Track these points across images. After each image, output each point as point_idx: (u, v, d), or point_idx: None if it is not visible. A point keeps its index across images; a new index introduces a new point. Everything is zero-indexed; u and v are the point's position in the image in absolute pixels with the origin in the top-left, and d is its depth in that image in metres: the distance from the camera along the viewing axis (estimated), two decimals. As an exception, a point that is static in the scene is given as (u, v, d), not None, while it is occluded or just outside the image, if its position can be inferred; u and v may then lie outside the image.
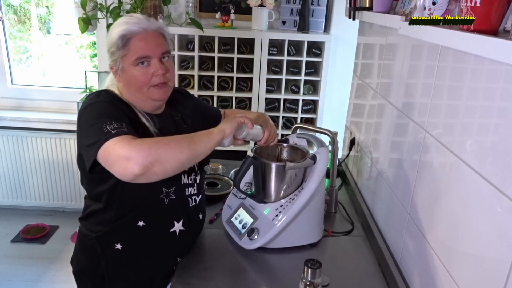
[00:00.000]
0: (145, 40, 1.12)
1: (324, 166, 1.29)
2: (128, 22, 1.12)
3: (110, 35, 1.13)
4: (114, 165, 0.96)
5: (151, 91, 1.16)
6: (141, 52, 1.12)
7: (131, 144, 0.95)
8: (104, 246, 1.20)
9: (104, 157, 0.98)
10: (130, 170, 0.93)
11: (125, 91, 1.18)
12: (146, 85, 1.15)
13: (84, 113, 1.09)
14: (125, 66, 1.13)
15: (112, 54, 1.14)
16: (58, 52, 3.27)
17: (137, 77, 1.13)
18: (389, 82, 1.43)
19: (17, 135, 2.91)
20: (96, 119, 1.04)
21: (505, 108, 0.76)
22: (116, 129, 0.99)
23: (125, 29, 1.11)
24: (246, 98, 2.67)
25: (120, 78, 1.16)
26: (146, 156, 0.94)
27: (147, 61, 1.13)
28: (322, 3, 2.61)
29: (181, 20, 2.68)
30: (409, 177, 1.19)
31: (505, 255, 0.74)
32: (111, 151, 0.96)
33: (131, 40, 1.11)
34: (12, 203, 3.10)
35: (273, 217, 1.27)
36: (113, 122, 1.01)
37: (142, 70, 1.13)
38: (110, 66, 1.18)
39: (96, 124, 1.02)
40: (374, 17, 1.46)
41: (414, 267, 1.14)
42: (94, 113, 1.07)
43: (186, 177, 1.26)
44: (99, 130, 1.00)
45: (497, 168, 0.78)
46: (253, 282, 1.21)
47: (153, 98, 1.18)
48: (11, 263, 2.59)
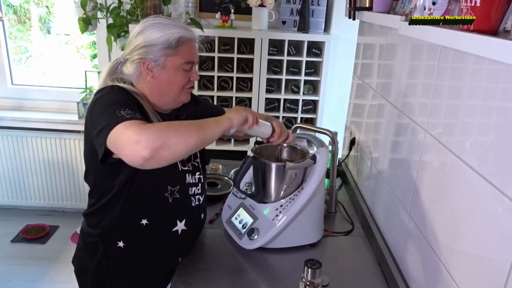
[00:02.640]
0: (193, 47, 1.21)
1: (324, 166, 1.29)
2: (179, 27, 1.17)
3: (158, 33, 1.14)
4: (123, 148, 0.97)
5: (183, 92, 1.22)
6: (191, 57, 1.19)
7: (141, 128, 0.96)
8: (106, 243, 1.20)
9: (113, 141, 0.98)
10: (140, 153, 0.94)
11: (154, 88, 1.19)
12: (183, 87, 1.21)
13: (97, 103, 1.10)
14: (169, 66, 1.16)
15: (157, 51, 1.15)
16: (58, 52, 3.27)
17: (179, 78, 1.19)
18: (389, 82, 1.43)
19: (17, 135, 2.91)
20: (110, 106, 1.05)
21: (505, 108, 0.76)
22: (130, 114, 1.01)
23: (182, 32, 1.16)
24: (246, 98, 2.67)
25: (156, 75, 1.17)
26: (156, 140, 0.95)
27: (191, 66, 1.21)
28: (322, 3, 2.61)
29: (181, 20, 2.68)
30: (409, 177, 1.19)
31: (505, 255, 0.74)
32: (121, 134, 0.97)
33: (184, 44, 1.17)
34: (12, 203, 3.10)
35: (273, 217, 1.27)
36: (127, 109, 1.03)
37: (185, 73, 1.19)
38: (139, 61, 1.16)
39: (109, 110, 1.03)
40: (374, 17, 1.46)
41: (414, 267, 1.14)
42: (108, 102, 1.08)
43: (190, 176, 1.27)
44: (112, 114, 1.01)
45: (497, 168, 0.78)
46: (253, 282, 1.21)
47: (182, 99, 1.24)
48: (11, 263, 2.59)
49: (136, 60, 1.17)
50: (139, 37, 1.16)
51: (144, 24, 1.18)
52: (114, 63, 1.22)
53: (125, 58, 1.21)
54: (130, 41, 1.19)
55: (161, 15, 1.26)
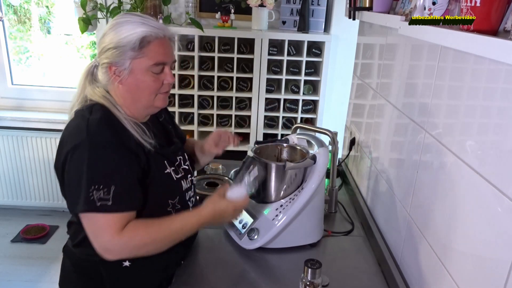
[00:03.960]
0: (164, 46, 1.07)
1: (324, 166, 1.29)
2: (146, 24, 1.05)
3: (121, 33, 1.03)
4: (93, 243, 1.02)
5: (157, 98, 1.12)
6: (160, 58, 1.06)
7: (115, 240, 1.00)
8: (111, 268, 1.12)
9: (86, 226, 1.03)
10: (104, 256, 1.02)
11: (124, 95, 1.10)
12: (155, 92, 1.10)
13: (74, 158, 1.01)
14: (136, 70, 1.05)
15: (119, 54, 1.04)
16: (58, 52, 3.27)
17: (148, 82, 1.07)
18: (389, 82, 1.43)
19: (17, 135, 2.91)
20: (85, 175, 0.99)
21: (505, 108, 0.76)
22: (101, 200, 0.98)
23: (147, 31, 1.03)
24: (246, 98, 2.67)
25: (124, 81, 1.07)
26: (125, 255, 1.06)
27: (162, 68, 1.09)
28: (322, 3, 2.61)
29: (181, 20, 2.68)
30: (409, 177, 1.19)
31: (505, 255, 0.74)
32: (96, 230, 1.02)
33: (151, 44, 1.04)
34: (12, 203, 3.10)
35: (273, 217, 1.27)
36: (101, 187, 0.98)
37: (155, 76, 1.08)
38: (107, 65, 1.06)
39: (83, 183, 0.98)
40: (374, 17, 1.46)
41: (414, 267, 1.14)
42: (83, 167, 0.99)
43: (184, 182, 1.22)
44: (85, 192, 0.98)
45: (497, 168, 0.78)
46: (253, 282, 1.21)
47: (157, 105, 1.13)
48: (11, 263, 2.59)
49: (104, 64, 1.07)
50: (106, 38, 1.06)
51: (112, 23, 1.07)
52: (89, 67, 1.13)
53: (97, 61, 1.11)
54: (99, 42, 1.09)
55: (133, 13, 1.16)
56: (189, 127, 2.69)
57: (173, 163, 1.19)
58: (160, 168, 1.14)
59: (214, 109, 2.67)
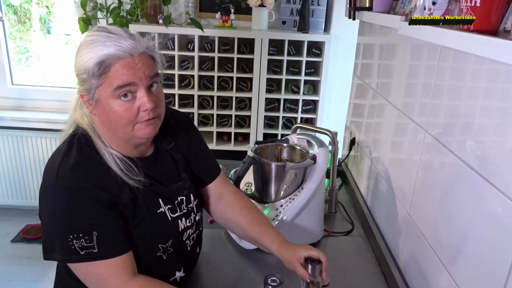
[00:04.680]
0: (130, 67, 0.87)
1: (324, 166, 1.29)
2: (106, 43, 0.87)
3: (81, 58, 0.88)
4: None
5: (137, 128, 0.92)
6: (123, 79, 0.87)
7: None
8: None
9: (83, 277, 0.93)
10: None
11: (101, 126, 0.96)
12: (131, 123, 0.91)
13: (43, 202, 0.95)
14: (102, 98, 0.89)
15: (83, 82, 0.89)
16: (58, 52, 3.27)
17: (119, 113, 0.89)
18: (389, 82, 1.43)
19: (17, 135, 2.91)
20: (60, 224, 0.90)
21: (505, 108, 0.76)
22: (85, 249, 0.87)
23: (104, 54, 0.86)
24: (246, 98, 2.67)
25: (95, 111, 0.92)
26: None
27: (132, 93, 0.89)
28: (322, 3, 2.61)
29: (181, 20, 2.68)
30: (409, 177, 1.19)
31: (505, 255, 0.74)
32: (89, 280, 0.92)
33: (112, 68, 0.86)
34: (12, 203, 3.10)
35: (273, 217, 1.27)
36: (80, 235, 0.87)
37: (126, 105, 0.89)
38: (79, 93, 0.93)
39: (59, 232, 0.89)
40: (374, 17, 1.46)
41: (414, 267, 1.14)
42: (57, 212, 0.92)
43: (184, 220, 1.06)
44: (63, 243, 0.88)
45: (497, 168, 0.78)
46: (253, 282, 1.21)
47: (139, 136, 0.94)
48: (11, 263, 2.59)
49: (77, 91, 0.95)
50: (74, 61, 0.91)
51: (80, 43, 0.92)
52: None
53: None
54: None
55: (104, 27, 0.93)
56: (189, 127, 2.69)
57: (170, 201, 1.03)
58: (152, 207, 0.99)
59: (214, 109, 2.67)
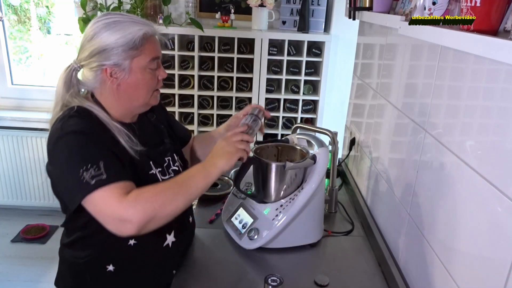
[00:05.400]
0: (157, 42, 1.09)
1: (324, 166, 1.29)
2: (138, 22, 1.05)
3: (120, 33, 1.01)
4: (107, 224, 0.94)
5: (153, 96, 1.12)
6: (156, 53, 1.08)
7: (124, 204, 0.92)
8: (94, 270, 1.12)
9: (92, 210, 0.95)
10: (126, 232, 0.93)
11: (119, 96, 1.07)
12: (152, 89, 1.10)
13: (53, 157, 1.01)
14: (135, 68, 1.05)
15: (116, 54, 1.02)
16: (58, 52, 3.27)
17: (147, 80, 1.08)
18: (389, 82, 1.43)
19: (17, 135, 2.91)
20: (69, 164, 0.96)
21: (505, 108, 0.76)
22: (95, 177, 0.93)
23: (144, 29, 1.04)
24: (246, 98, 2.67)
25: (123, 81, 1.05)
26: (142, 217, 0.92)
27: (157, 63, 1.10)
28: (322, 3, 2.61)
29: (181, 20, 2.68)
30: (409, 177, 1.19)
31: (505, 255, 0.74)
32: (101, 207, 0.94)
33: (148, 41, 1.06)
34: (12, 203, 3.10)
35: (273, 217, 1.27)
36: (88, 166, 0.94)
37: (152, 73, 1.09)
38: (98, 68, 1.03)
39: (71, 172, 0.95)
40: (374, 17, 1.46)
41: (414, 267, 1.14)
42: (65, 156, 0.98)
43: None
44: (76, 180, 0.93)
45: (497, 168, 0.78)
46: (253, 282, 1.21)
47: (151, 103, 1.14)
48: (11, 263, 2.59)
49: (95, 67, 1.04)
50: (95, 41, 1.02)
51: (97, 25, 1.03)
52: (68, 71, 1.08)
53: (79, 64, 1.07)
54: (84, 46, 1.04)
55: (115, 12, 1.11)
56: (189, 127, 2.69)
57: (160, 164, 1.15)
58: (144, 168, 1.11)
59: (214, 109, 2.67)
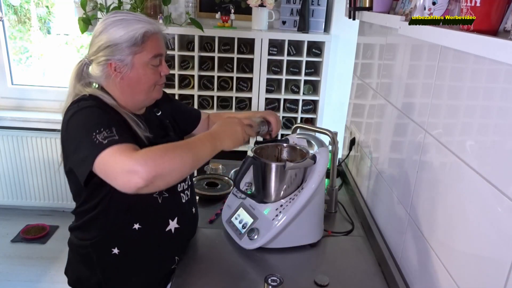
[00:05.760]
0: (159, 40, 1.16)
1: (324, 166, 1.29)
2: (142, 21, 1.12)
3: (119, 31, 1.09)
4: (116, 178, 0.94)
5: (155, 90, 1.19)
6: (158, 50, 1.14)
7: (133, 157, 0.93)
8: (100, 253, 1.18)
9: (103, 170, 0.96)
10: (134, 184, 0.92)
11: (123, 89, 1.14)
12: (153, 84, 1.17)
13: (71, 122, 1.05)
14: (137, 64, 1.12)
15: (119, 51, 1.09)
16: (58, 52, 3.27)
17: (149, 75, 1.15)
18: (389, 82, 1.43)
19: (17, 135, 2.91)
20: (83, 130, 1.00)
21: (505, 108, 0.76)
22: (107, 138, 0.96)
23: (146, 27, 1.11)
24: (246, 98, 2.67)
25: (125, 75, 1.12)
26: (151, 170, 0.92)
27: (160, 60, 1.16)
28: (322, 3, 2.61)
29: (181, 20, 2.68)
30: (409, 177, 1.19)
31: (505, 255, 0.74)
32: (111, 163, 0.94)
33: (149, 39, 1.12)
34: (12, 203, 3.10)
35: (273, 217, 1.27)
36: (101, 129, 0.98)
37: (154, 69, 1.15)
38: (105, 62, 1.11)
39: (84, 136, 0.98)
40: (374, 17, 1.46)
41: (414, 267, 1.14)
42: (79, 124, 1.03)
43: None
44: (89, 142, 0.96)
45: (497, 168, 0.78)
46: (253, 282, 1.21)
47: (154, 97, 1.20)
48: (11, 263, 2.59)
49: (102, 61, 1.11)
50: (102, 36, 1.10)
51: (105, 22, 1.11)
52: (79, 65, 1.16)
53: (89, 59, 1.15)
54: (93, 41, 1.13)
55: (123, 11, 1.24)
56: (189, 127, 2.69)
57: None
58: None
59: (214, 109, 2.67)
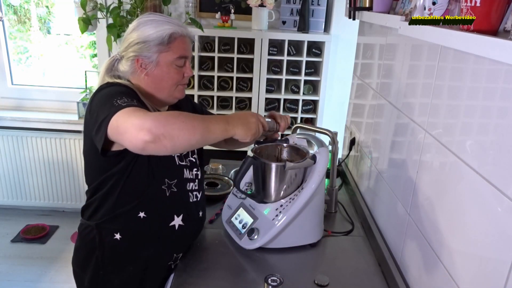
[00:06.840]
0: (186, 42, 1.21)
1: (324, 166, 1.29)
2: (171, 23, 1.18)
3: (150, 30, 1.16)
4: (126, 132, 0.97)
5: (178, 89, 1.24)
6: (183, 52, 1.20)
7: (146, 114, 0.98)
8: (103, 235, 1.20)
9: (116, 127, 0.99)
10: (142, 137, 0.95)
11: (148, 85, 1.21)
12: (177, 83, 1.22)
13: (95, 98, 1.12)
14: (162, 62, 1.18)
15: (148, 47, 1.16)
16: (58, 52, 3.27)
17: (172, 74, 1.20)
18: (389, 82, 1.43)
19: (17, 135, 2.91)
20: (107, 99, 1.06)
21: (505, 108, 0.76)
22: (127, 102, 1.03)
23: (174, 29, 1.17)
24: (246, 98, 2.67)
25: (150, 72, 1.19)
26: (160, 127, 0.96)
27: (184, 62, 1.22)
28: (322, 3, 2.61)
29: (181, 20, 2.68)
30: (409, 177, 1.19)
31: (505, 255, 0.74)
32: (125, 120, 0.98)
33: (176, 40, 1.18)
34: (12, 203, 3.10)
35: (273, 217, 1.27)
36: (124, 97, 1.05)
37: (178, 69, 1.21)
38: (133, 58, 1.18)
39: (107, 102, 1.04)
40: (374, 17, 1.46)
41: (414, 267, 1.14)
42: (106, 95, 1.10)
43: (188, 171, 1.27)
44: (110, 105, 1.02)
45: (497, 168, 0.78)
46: (253, 282, 1.21)
47: (176, 96, 1.25)
48: (11, 263, 2.59)
49: (131, 57, 1.18)
50: (134, 34, 1.18)
51: (138, 21, 1.19)
52: (111, 60, 1.23)
53: (121, 55, 1.22)
54: (126, 38, 1.21)
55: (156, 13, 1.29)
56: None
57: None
58: None
59: (214, 109, 2.67)
